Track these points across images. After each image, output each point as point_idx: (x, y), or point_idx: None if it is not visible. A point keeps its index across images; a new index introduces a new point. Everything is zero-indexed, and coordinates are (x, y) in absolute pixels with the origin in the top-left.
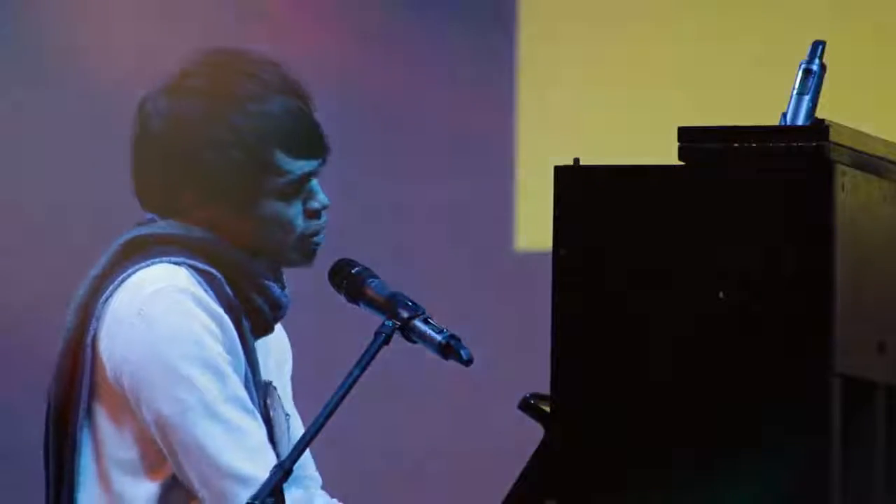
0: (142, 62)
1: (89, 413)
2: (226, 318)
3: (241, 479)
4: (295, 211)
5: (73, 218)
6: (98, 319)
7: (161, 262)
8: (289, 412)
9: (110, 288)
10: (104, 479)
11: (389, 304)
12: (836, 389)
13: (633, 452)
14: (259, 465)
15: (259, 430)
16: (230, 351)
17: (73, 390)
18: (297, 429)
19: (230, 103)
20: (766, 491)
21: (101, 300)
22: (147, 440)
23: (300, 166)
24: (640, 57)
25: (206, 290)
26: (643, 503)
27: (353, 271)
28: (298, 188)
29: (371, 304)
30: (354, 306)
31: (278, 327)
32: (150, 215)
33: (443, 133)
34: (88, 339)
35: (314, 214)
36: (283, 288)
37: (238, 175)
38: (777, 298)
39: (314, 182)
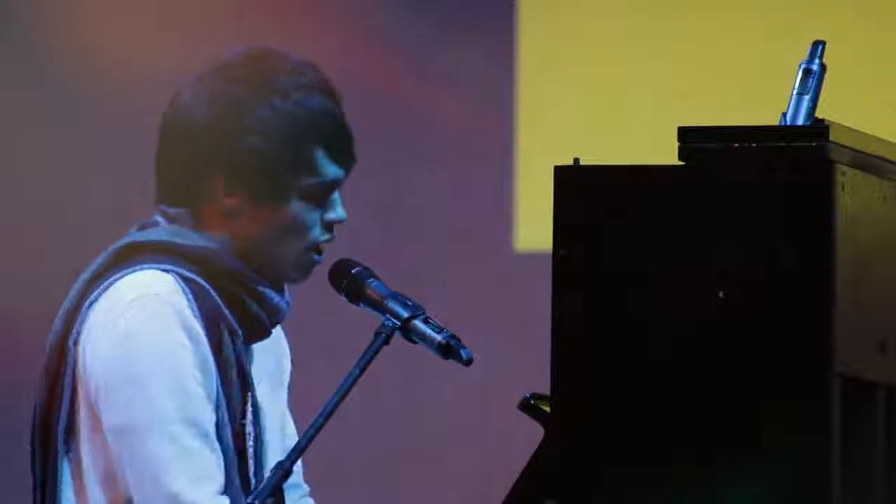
0: (142, 62)
1: (70, 415)
2: (202, 334)
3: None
4: (314, 217)
5: (73, 218)
6: (81, 322)
7: (150, 268)
8: (263, 425)
9: (96, 292)
10: (80, 486)
11: (389, 304)
12: (836, 389)
13: (633, 452)
14: (201, 492)
15: (210, 457)
16: (201, 369)
17: (57, 392)
18: (294, 434)
19: (274, 90)
20: (766, 491)
21: (87, 303)
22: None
23: (334, 171)
24: (641, 57)
25: (189, 301)
26: (643, 503)
27: (352, 271)
28: (326, 193)
29: (371, 304)
30: (354, 306)
31: (278, 333)
32: (155, 217)
33: (443, 133)
34: (71, 342)
35: (328, 227)
36: (281, 294)
37: (274, 163)
38: (777, 298)
39: (337, 193)
